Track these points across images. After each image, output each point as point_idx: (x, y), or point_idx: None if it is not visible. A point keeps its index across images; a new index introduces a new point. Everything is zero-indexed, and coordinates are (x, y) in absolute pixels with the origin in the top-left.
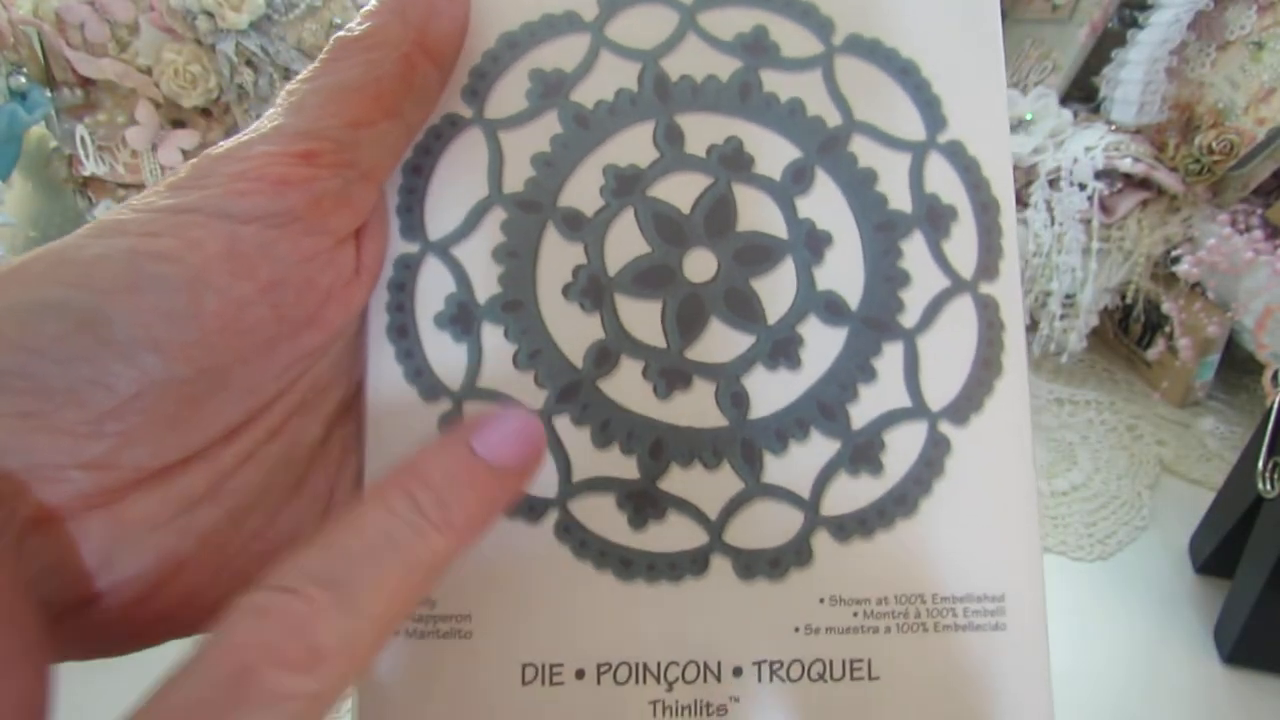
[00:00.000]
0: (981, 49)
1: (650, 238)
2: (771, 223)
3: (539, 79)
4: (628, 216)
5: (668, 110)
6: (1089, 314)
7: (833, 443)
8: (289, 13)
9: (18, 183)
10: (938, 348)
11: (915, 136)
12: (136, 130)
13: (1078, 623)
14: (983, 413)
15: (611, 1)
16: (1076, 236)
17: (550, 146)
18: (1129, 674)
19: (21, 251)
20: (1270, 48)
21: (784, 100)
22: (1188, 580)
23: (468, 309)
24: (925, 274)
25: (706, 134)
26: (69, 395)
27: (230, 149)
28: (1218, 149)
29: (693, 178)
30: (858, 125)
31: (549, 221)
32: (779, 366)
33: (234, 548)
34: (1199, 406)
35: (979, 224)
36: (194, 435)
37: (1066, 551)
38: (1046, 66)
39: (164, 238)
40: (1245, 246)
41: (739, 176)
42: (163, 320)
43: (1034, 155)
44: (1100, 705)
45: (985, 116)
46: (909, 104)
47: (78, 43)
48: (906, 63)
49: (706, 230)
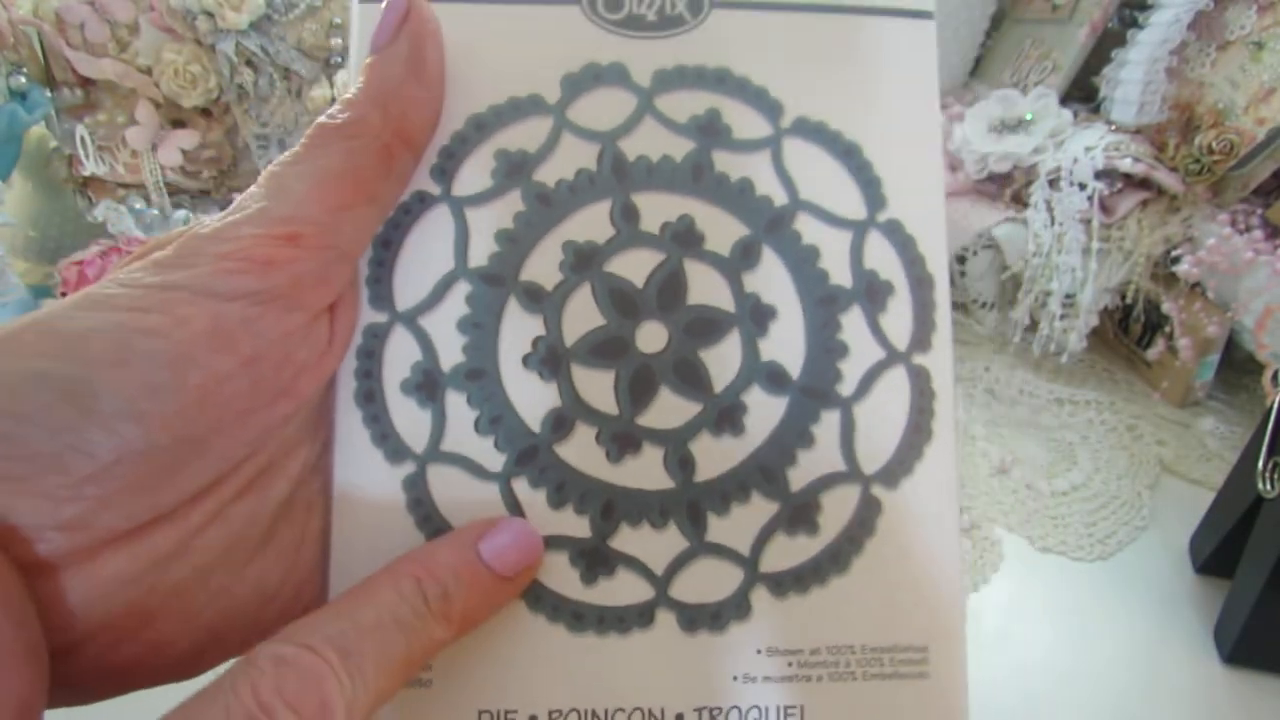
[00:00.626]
0: (921, 131)
1: (606, 311)
2: (720, 297)
3: (504, 159)
4: (585, 290)
5: (624, 189)
6: (1089, 314)
7: (772, 504)
8: (289, 13)
9: (18, 183)
10: (872, 415)
11: (856, 215)
12: (136, 130)
13: (1078, 623)
14: (913, 476)
15: (573, 85)
16: (1076, 236)
17: (513, 223)
18: (1129, 674)
19: (22, 251)
20: (1270, 48)
21: (734, 180)
22: (1188, 580)
23: (433, 376)
24: (862, 346)
25: (661, 212)
26: (52, 460)
27: (217, 229)
28: (1218, 149)
29: (647, 254)
30: (803, 204)
31: (511, 294)
32: (723, 433)
33: (202, 602)
34: (1199, 406)
35: (914, 299)
36: (166, 498)
37: (1066, 551)
38: (1046, 66)
39: (152, 314)
40: (1245, 246)
41: (690, 253)
42: (146, 393)
43: (1034, 155)
44: (1100, 705)
45: (922, 196)
46: (851, 184)
47: (78, 43)
48: (850, 144)
49: (658, 304)
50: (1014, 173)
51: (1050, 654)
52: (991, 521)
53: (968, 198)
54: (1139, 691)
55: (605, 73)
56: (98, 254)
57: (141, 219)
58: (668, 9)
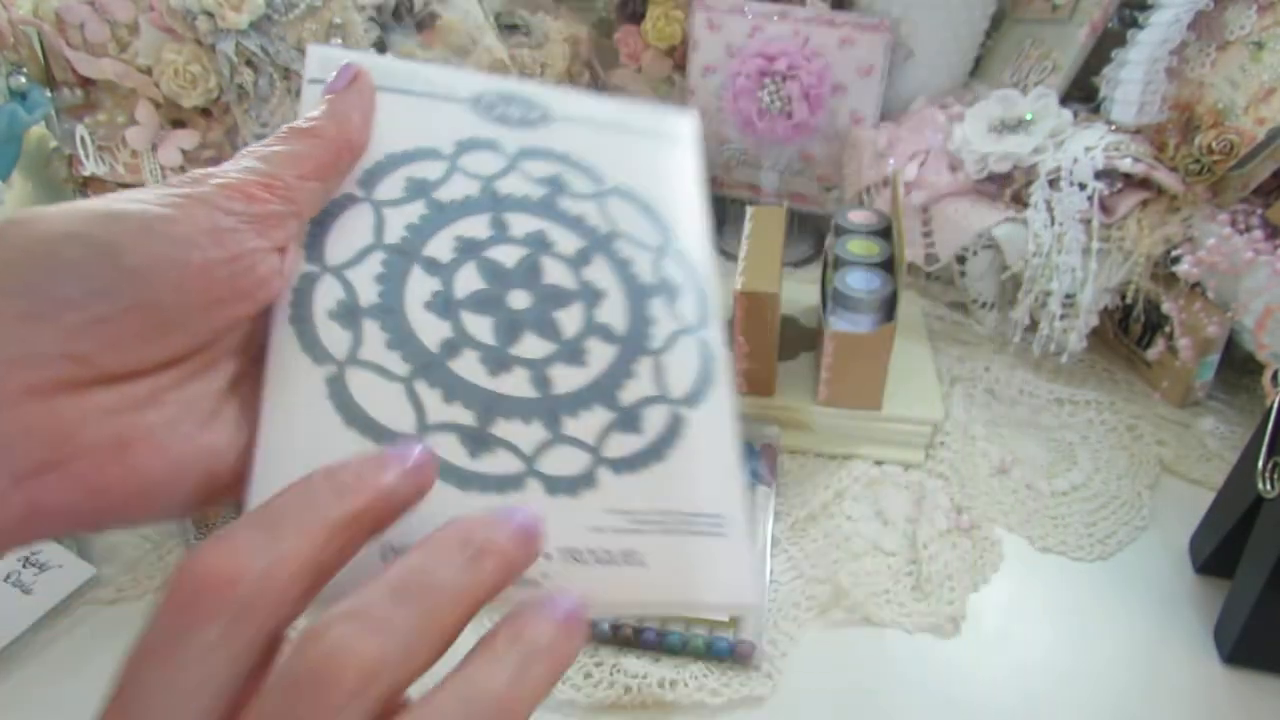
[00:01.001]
0: (691, 193)
1: (486, 279)
2: (566, 280)
3: (411, 182)
4: (471, 266)
5: (498, 210)
6: (1089, 314)
7: (610, 413)
8: (289, 13)
9: (18, 183)
10: (674, 362)
11: (656, 243)
12: (136, 130)
13: (1078, 623)
14: (706, 402)
15: (461, 146)
16: (1076, 236)
17: (418, 220)
18: (1129, 674)
19: None
20: (1270, 48)
21: (574, 213)
22: (1188, 580)
23: (352, 309)
24: (665, 320)
25: (523, 226)
26: (76, 302)
27: (217, 170)
28: (1218, 149)
29: (514, 249)
30: (620, 233)
31: (415, 263)
32: (572, 365)
33: (169, 441)
34: (1199, 406)
35: (696, 296)
36: (151, 353)
37: (1066, 551)
38: (1046, 66)
39: (168, 209)
40: (1245, 246)
41: (544, 252)
42: (161, 260)
43: (1034, 155)
44: (1100, 705)
45: (696, 234)
46: (651, 224)
47: (78, 43)
48: (648, 200)
49: (524, 280)
50: (1014, 173)
51: (1050, 654)
52: (991, 521)
53: (968, 198)
54: (1139, 691)
55: (484, 143)
56: None
57: None
58: (528, 116)
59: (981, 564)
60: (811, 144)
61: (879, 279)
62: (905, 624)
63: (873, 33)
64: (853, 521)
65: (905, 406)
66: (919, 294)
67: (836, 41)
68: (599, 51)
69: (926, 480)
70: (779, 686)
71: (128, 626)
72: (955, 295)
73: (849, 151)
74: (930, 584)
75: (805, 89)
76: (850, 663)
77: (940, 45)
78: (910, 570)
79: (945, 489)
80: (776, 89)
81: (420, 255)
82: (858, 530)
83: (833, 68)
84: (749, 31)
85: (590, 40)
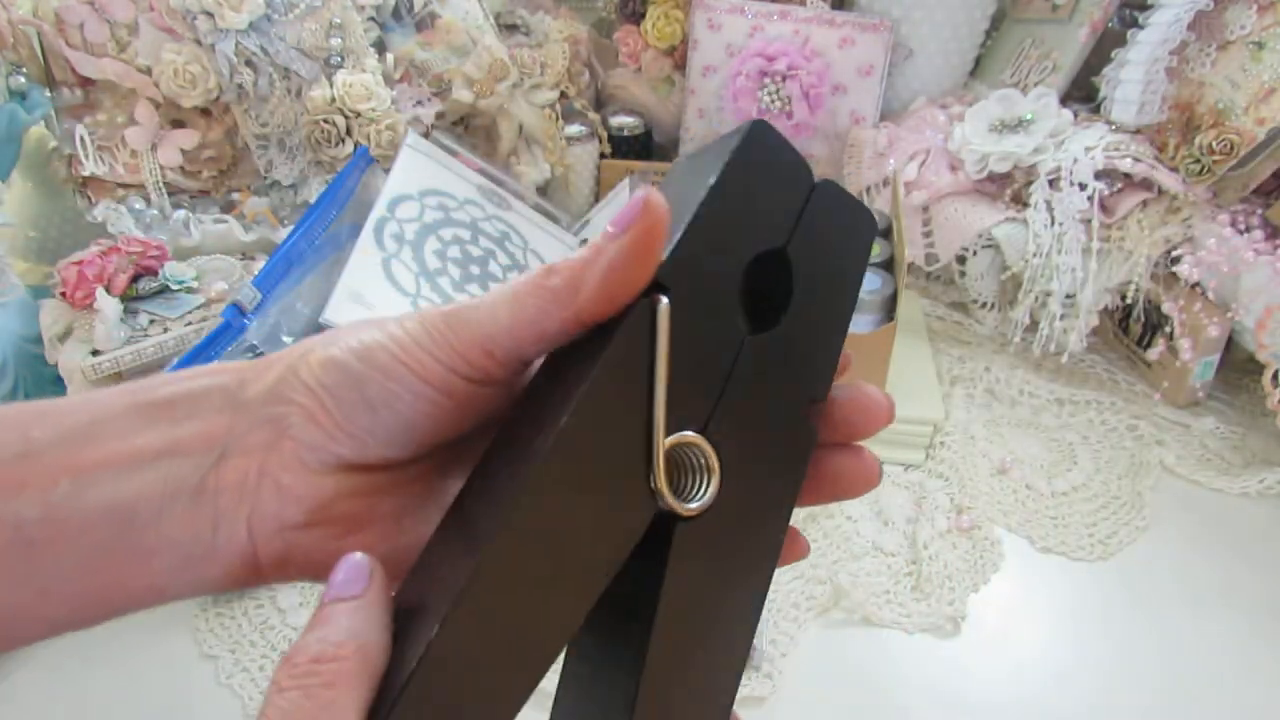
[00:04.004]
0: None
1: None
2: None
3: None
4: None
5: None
6: (1089, 314)
7: None
8: (289, 13)
9: (18, 183)
10: None
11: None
12: (136, 130)
13: (1078, 623)
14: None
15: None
16: (1076, 236)
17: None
18: (1129, 674)
19: (22, 251)
20: (1270, 48)
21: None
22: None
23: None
24: None
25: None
26: (330, 413)
27: (461, 324)
28: (1218, 149)
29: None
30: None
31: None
32: None
33: (392, 532)
34: (1199, 406)
35: None
36: (377, 452)
37: (1066, 551)
38: (1046, 66)
39: (412, 362)
40: (1245, 246)
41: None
42: (389, 399)
43: (1034, 155)
44: (1100, 705)
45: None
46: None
47: (78, 43)
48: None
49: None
50: (1014, 173)
51: (1050, 654)
52: (991, 521)
53: (968, 198)
54: (1139, 691)
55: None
56: (97, 254)
57: (141, 219)
58: None
59: (981, 564)
60: (811, 144)
61: (879, 279)
62: (905, 624)
63: (873, 33)
64: (853, 522)
65: (905, 406)
66: (919, 294)
67: (836, 41)
68: (599, 51)
69: (927, 480)
70: (779, 686)
71: (128, 626)
72: (955, 295)
73: (849, 151)
74: (930, 584)
75: (805, 89)
76: (850, 663)
77: (940, 45)
78: (910, 570)
79: (945, 489)
80: (776, 89)
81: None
82: (858, 530)
83: (833, 68)
84: (749, 31)
85: (590, 40)
